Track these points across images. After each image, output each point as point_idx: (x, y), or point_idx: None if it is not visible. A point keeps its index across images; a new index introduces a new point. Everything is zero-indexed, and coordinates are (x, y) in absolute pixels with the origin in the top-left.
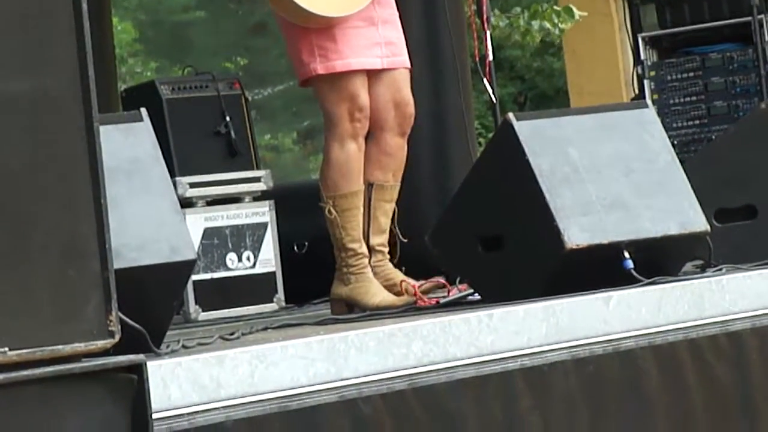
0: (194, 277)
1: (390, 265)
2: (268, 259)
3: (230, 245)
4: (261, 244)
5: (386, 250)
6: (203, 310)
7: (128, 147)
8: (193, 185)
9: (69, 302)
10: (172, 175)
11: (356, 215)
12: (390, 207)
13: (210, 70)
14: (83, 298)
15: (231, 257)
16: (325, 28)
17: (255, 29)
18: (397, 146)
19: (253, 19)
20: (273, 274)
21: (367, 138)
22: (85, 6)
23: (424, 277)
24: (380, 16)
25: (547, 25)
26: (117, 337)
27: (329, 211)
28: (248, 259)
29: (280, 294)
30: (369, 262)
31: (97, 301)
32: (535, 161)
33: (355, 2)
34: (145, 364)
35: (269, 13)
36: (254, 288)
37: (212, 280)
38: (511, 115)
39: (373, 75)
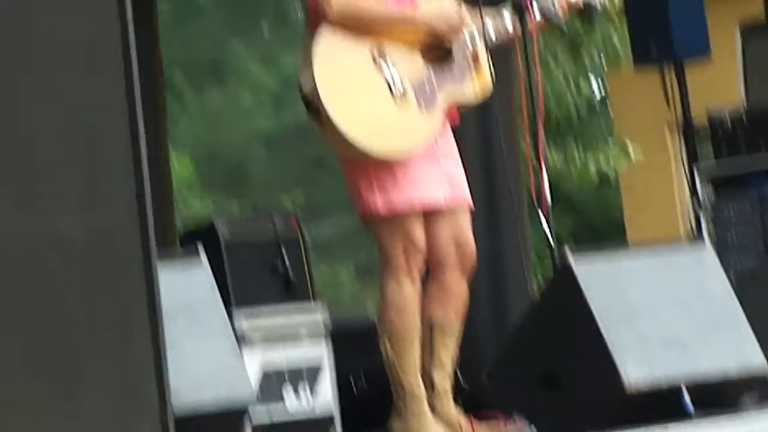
0: (253, 421)
1: (452, 404)
2: (326, 401)
3: (288, 386)
4: (319, 385)
5: (449, 387)
6: None
7: (187, 287)
8: (249, 318)
9: None
10: (229, 312)
11: (412, 353)
12: (452, 344)
13: (268, 203)
14: None
15: (289, 399)
16: (384, 162)
17: (314, 163)
18: (458, 285)
19: (312, 153)
20: (331, 418)
21: (428, 276)
22: (143, 144)
23: (480, 414)
24: (442, 150)
25: (603, 164)
26: None
27: (386, 348)
28: (306, 402)
29: None
30: (430, 400)
31: None
32: (593, 301)
33: (416, 139)
34: None
35: (328, 147)
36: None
37: (271, 425)
38: (569, 254)
39: (433, 214)
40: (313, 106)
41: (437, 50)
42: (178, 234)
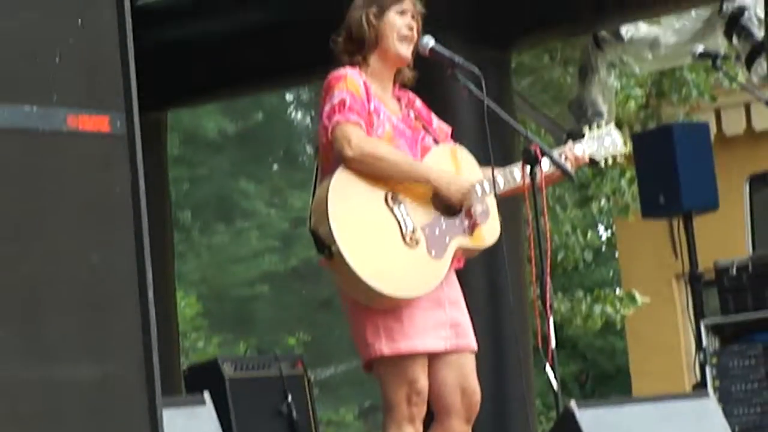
0: None
1: None
2: None
3: None
4: None
5: None
6: None
7: (191, 430)
8: None
9: None
10: None
11: None
12: None
13: (273, 344)
14: None
15: None
16: (391, 309)
17: (320, 306)
18: (462, 431)
19: (318, 296)
20: None
21: (431, 422)
22: (151, 288)
23: None
24: (448, 297)
25: (609, 309)
26: None
27: None
28: None
29: None
30: None
31: None
32: None
33: (425, 284)
34: None
35: (335, 291)
36: None
37: None
38: (573, 403)
39: (438, 358)
40: (325, 246)
41: (447, 202)
42: (182, 372)
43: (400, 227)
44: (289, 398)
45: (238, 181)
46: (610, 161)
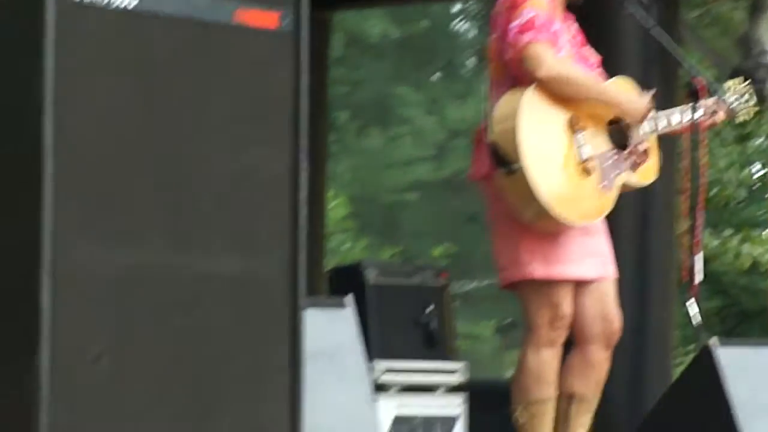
0: None
1: None
2: None
3: None
4: None
5: None
6: None
7: (330, 332)
8: (389, 370)
9: None
10: (369, 357)
11: (546, 423)
12: (588, 418)
13: (418, 252)
14: None
15: None
16: (551, 232)
17: (468, 218)
18: (601, 359)
19: (467, 208)
20: None
21: (570, 348)
22: (304, 189)
23: None
24: (595, 226)
25: (759, 250)
26: None
27: (518, 416)
28: None
29: None
30: None
31: None
32: (733, 390)
33: (593, 214)
34: None
35: (484, 206)
36: None
37: None
38: (713, 340)
39: (583, 285)
40: (507, 162)
41: (619, 132)
42: (326, 273)
43: (578, 154)
44: (430, 309)
45: (397, 87)
46: (744, 117)
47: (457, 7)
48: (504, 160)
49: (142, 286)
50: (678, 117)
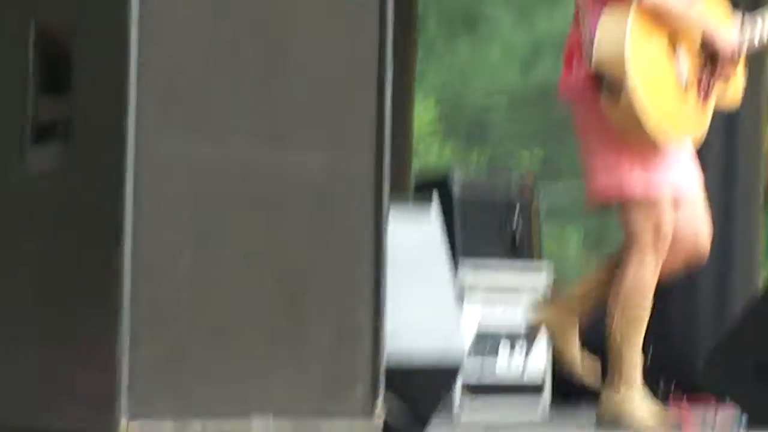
0: (462, 380)
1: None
2: (538, 369)
3: (505, 345)
4: (532, 350)
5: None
6: (467, 411)
7: (415, 235)
8: (474, 271)
9: (339, 381)
10: (455, 263)
11: (640, 331)
12: None
13: (506, 157)
14: (353, 378)
15: (502, 360)
16: (650, 150)
17: (556, 124)
18: (668, 268)
19: (555, 113)
20: (541, 386)
21: None
22: (389, 94)
23: (693, 397)
24: (686, 145)
25: None
26: (380, 423)
27: (614, 321)
28: (519, 364)
29: (546, 403)
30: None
31: (366, 384)
32: None
33: (696, 129)
34: None
35: (570, 111)
36: (520, 396)
37: (479, 386)
38: None
39: (677, 200)
40: (615, 87)
41: (712, 51)
42: (413, 180)
43: (679, 72)
44: (516, 212)
45: None
46: None
47: None
48: (610, 85)
49: (225, 179)
50: (762, 29)
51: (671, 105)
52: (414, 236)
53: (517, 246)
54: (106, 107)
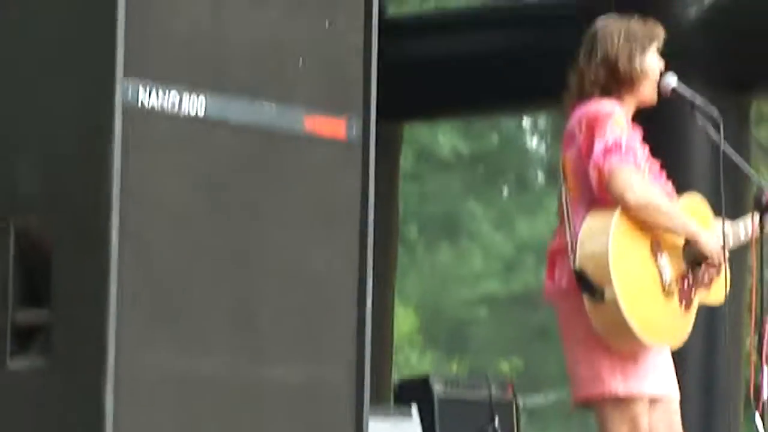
0: None
1: None
2: None
3: None
4: None
5: None
6: None
7: None
8: None
9: None
10: None
11: None
12: None
13: (485, 368)
14: None
15: None
16: (631, 351)
17: (536, 333)
18: None
19: (535, 323)
20: None
21: None
22: (369, 302)
23: None
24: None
25: None
26: None
27: None
28: None
29: None
30: None
31: None
32: None
33: (677, 336)
34: None
35: (553, 319)
36: None
37: None
38: None
39: (653, 402)
40: (597, 290)
41: (695, 255)
42: (393, 386)
43: (661, 277)
44: (496, 422)
45: (466, 202)
46: None
47: (527, 122)
48: (592, 287)
49: (205, 393)
50: (743, 232)
51: (653, 309)
52: None
53: None
54: (86, 319)
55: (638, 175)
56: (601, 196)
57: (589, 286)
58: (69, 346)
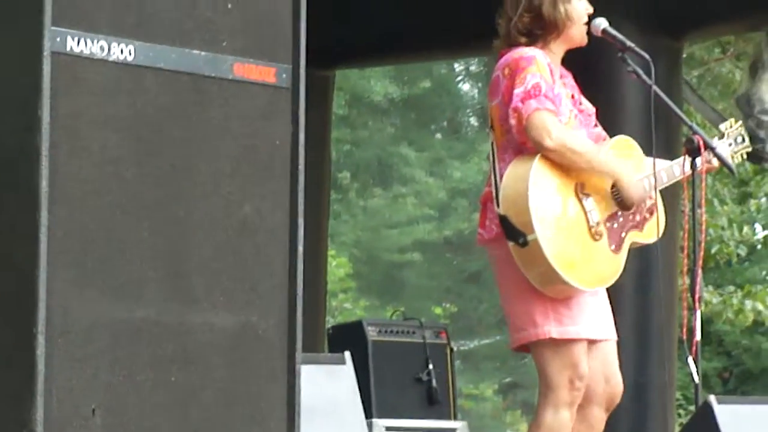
0: None
1: None
2: None
3: None
4: None
5: None
6: None
7: (328, 388)
8: (389, 429)
9: None
10: (370, 415)
11: None
12: None
13: (419, 312)
14: None
15: None
16: (563, 296)
17: (469, 278)
18: (600, 420)
19: (468, 268)
20: None
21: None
22: (301, 242)
23: None
24: (600, 289)
25: (760, 306)
26: None
27: None
28: None
29: None
30: None
31: None
32: None
33: (607, 278)
34: None
35: (486, 264)
36: None
37: None
38: (712, 398)
39: (590, 346)
40: (520, 234)
41: (622, 197)
42: (326, 331)
43: (587, 219)
44: (430, 366)
45: (399, 147)
46: (738, 159)
47: (459, 67)
48: (515, 232)
49: (138, 340)
50: (678, 170)
51: (579, 251)
52: (328, 390)
53: (433, 398)
54: (16, 268)
55: (555, 119)
56: (522, 141)
57: (512, 231)
58: None
